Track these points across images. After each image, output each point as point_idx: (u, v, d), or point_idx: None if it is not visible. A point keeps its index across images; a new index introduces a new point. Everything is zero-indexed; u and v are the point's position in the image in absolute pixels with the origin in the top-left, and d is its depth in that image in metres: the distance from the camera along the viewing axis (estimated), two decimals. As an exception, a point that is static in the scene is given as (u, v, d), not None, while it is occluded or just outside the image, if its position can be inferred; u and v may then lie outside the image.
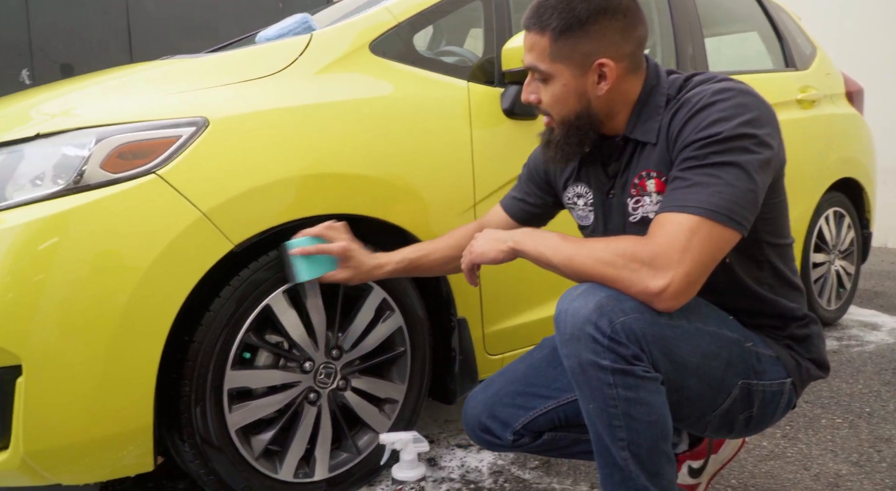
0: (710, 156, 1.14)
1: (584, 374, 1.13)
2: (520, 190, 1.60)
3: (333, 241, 1.51)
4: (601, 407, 1.13)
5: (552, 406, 1.39)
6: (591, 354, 1.11)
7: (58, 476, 1.38)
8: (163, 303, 1.41)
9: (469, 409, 1.45)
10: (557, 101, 1.28)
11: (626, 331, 1.11)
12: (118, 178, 1.38)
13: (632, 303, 1.13)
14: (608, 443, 1.15)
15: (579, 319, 1.12)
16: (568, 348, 1.14)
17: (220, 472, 1.54)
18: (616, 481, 1.17)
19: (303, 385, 1.64)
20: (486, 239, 1.35)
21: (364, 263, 1.53)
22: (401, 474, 1.43)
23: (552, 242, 1.23)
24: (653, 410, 1.13)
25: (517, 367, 1.47)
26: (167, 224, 1.40)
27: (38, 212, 1.33)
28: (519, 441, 1.42)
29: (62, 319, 1.32)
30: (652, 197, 1.26)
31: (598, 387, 1.12)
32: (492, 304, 1.97)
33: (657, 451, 1.15)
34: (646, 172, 1.27)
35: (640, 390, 1.12)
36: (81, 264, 1.34)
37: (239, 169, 1.49)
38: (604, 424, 1.14)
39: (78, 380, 1.34)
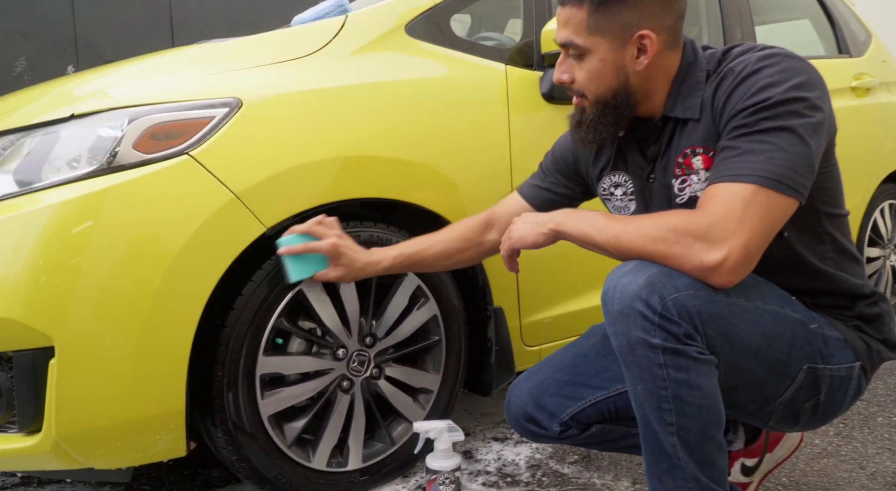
0: (761, 122, 1.08)
1: (632, 353, 1.07)
2: (542, 179, 1.52)
3: (323, 238, 1.43)
4: (650, 388, 1.07)
5: (602, 397, 1.34)
6: (641, 332, 1.06)
7: (90, 460, 1.37)
8: (195, 286, 1.39)
9: (513, 398, 1.40)
10: (594, 78, 1.21)
11: (679, 308, 1.05)
12: (151, 159, 1.36)
13: (685, 279, 1.07)
14: (656, 427, 1.09)
15: (628, 295, 1.06)
16: (616, 326, 1.08)
17: (252, 459, 1.52)
18: (663, 469, 1.11)
19: (336, 373, 1.61)
20: (525, 222, 1.28)
21: (356, 260, 1.46)
22: (435, 464, 1.39)
23: (596, 221, 1.17)
24: (705, 394, 1.07)
25: (564, 355, 1.41)
26: (199, 206, 1.38)
27: (71, 192, 1.32)
28: (566, 433, 1.36)
29: (95, 301, 1.31)
30: (699, 174, 1.20)
31: (647, 367, 1.06)
32: (529, 293, 1.92)
33: (708, 438, 1.09)
34: (690, 149, 1.20)
35: (692, 372, 1.06)
36: (114, 246, 1.32)
37: (272, 151, 1.47)
38: (652, 406, 1.08)
39: (110, 362, 1.33)
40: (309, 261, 1.43)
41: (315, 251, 1.42)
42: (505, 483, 1.74)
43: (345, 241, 1.45)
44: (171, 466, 1.87)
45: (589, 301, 2.00)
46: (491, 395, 1.90)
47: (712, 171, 1.12)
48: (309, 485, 1.59)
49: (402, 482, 1.75)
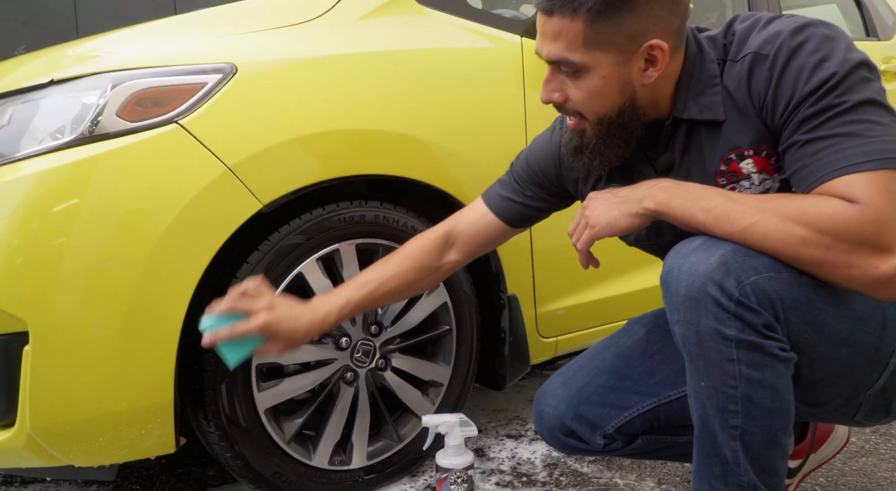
0: (838, 102, 0.93)
1: (700, 344, 0.93)
2: (516, 191, 1.27)
3: (251, 313, 1.13)
4: (716, 386, 0.94)
5: (651, 405, 1.19)
6: (713, 322, 0.91)
7: (69, 456, 1.25)
8: (185, 266, 1.27)
9: (548, 408, 1.23)
10: (594, 98, 1.02)
11: (758, 293, 0.91)
12: (136, 128, 1.25)
13: (764, 258, 0.93)
14: (716, 429, 0.96)
15: (698, 277, 0.92)
16: (681, 313, 0.94)
17: (247, 455, 1.40)
18: (715, 474, 0.98)
19: (338, 363, 1.50)
20: (608, 203, 1.04)
21: (295, 330, 1.16)
22: (446, 461, 1.27)
23: (712, 203, 0.96)
24: (778, 396, 0.94)
25: (603, 356, 1.26)
26: (189, 179, 1.27)
27: (48, 163, 1.21)
28: (610, 446, 1.22)
29: (73, 282, 1.20)
30: (752, 179, 1.04)
31: (716, 362, 0.93)
32: (545, 280, 1.79)
33: (774, 443, 0.96)
34: (736, 153, 1.04)
35: (768, 371, 0.92)
36: (96, 222, 1.21)
37: (269, 121, 1.35)
38: (716, 407, 0.95)
39: (91, 349, 1.22)
40: (241, 342, 1.13)
41: (244, 334, 1.12)
42: (520, 483, 1.62)
43: (277, 313, 1.14)
44: (164, 464, 1.76)
45: (611, 290, 1.87)
46: (504, 389, 1.78)
47: (802, 170, 0.95)
48: (309, 484, 1.48)
49: (410, 482, 1.63)
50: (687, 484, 1.58)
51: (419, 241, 1.28)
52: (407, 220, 1.54)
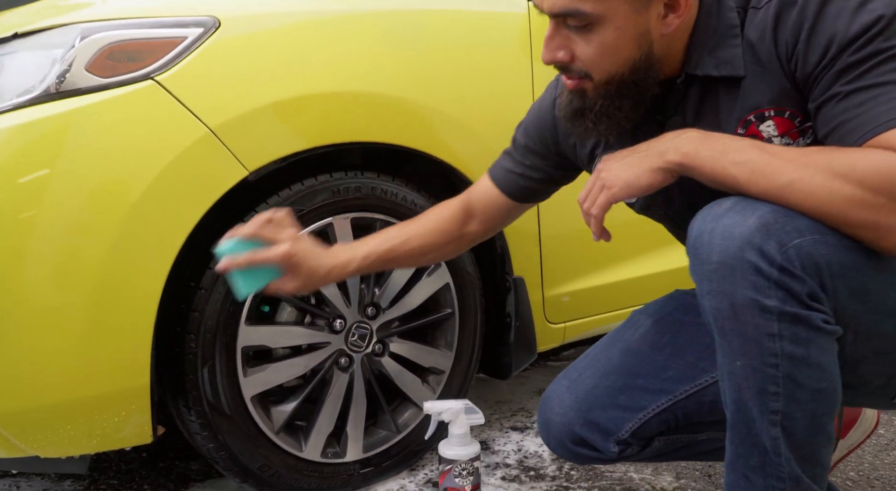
0: (885, 47, 0.82)
1: (735, 318, 0.82)
2: (516, 162, 1.19)
3: (274, 242, 1.07)
4: (754, 366, 0.82)
5: (668, 403, 1.07)
6: (752, 291, 0.80)
7: (34, 446, 1.14)
8: (162, 238, 1.16)
9: (554, 416, 1.11)
10: (607, 54, 0.90)
11: (803, 258, 0.80)
12: (108, 84, 1.13)
13: (806, 220, 0.82)
14: (754, 415, 0.84)
15: (735, 240, 0.80)
16: (714, 283, 0.82)
17: (232, 447, 1.28)
18: (753, 465, 0.87)
19: (332, 347, 1.38)
20: (624, 161, 0.92)
21: (317, 269, 1.10)
22: (450, 452, 1.16)
23: (746, 156, 0.85)
24: (824, 375, 0.83)
25: (609, 353, 1.14)
26: (167, 141, 1.15)
27: (8, 122, 1.09)
28: (625, 452, 1.10)
29: (35, 251, 1.08)
30: (774, 143, 0.92)
31: (755, 337, 0.81)
32: (554, 262, 1.68)
33: (818, 429, 0.85)
34: (755, 115, 0.92)
35: (813, 346, 0.81)
36: (60, 187, 1.10)
37: (255, 81, 1.24)
38: (753, 389, 0.83)
39: (56, 327, 1.11)
40: (257, 272, 1.07)
41: (264, 263, 1.06)
42: (528, 477, 1.51)
43: (301, 246, 1.09)
44: (144, 457, 1.64)
45: (626, 272, 1.76)
46: (509, 378, 1.67)
47: (843, 126, 0.84)
48: (300, 478, 1.36)
49: (409, 476, 1.52)
50: (707, 478, 1.47)
51: (441, 208, 1.22)
52: (406, 193, 1.43)
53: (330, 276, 1.13)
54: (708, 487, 1.43)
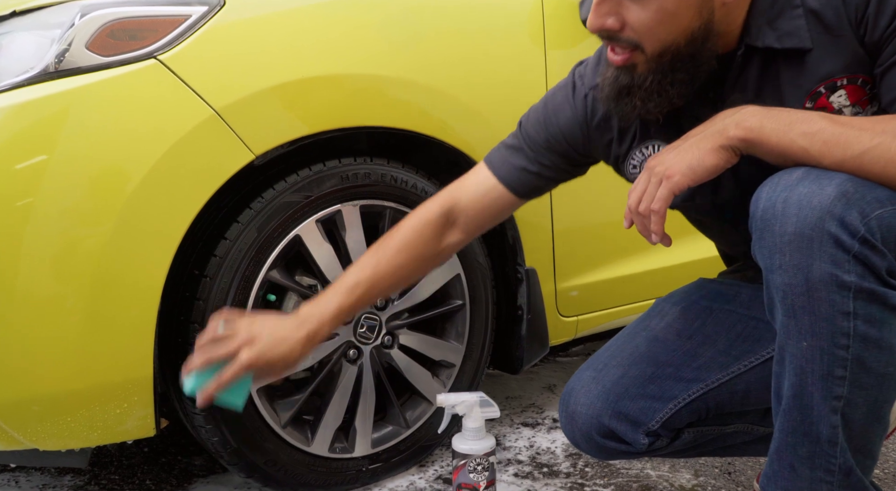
0: None
1: (809, 294, 0.76)
2: (528, 158, 1.07)
3: (228, 354, 0.96)
4: (822, 347, 0.77)
5: (699, 392, 1.02)
6: (830, 265, 0.74)
7: (32, 438, 1.09)
8: (164, 224, 1.12)
9: (581, 408, 1.05)
10: (663, 21, 0.83)
11: (884, 230, 0.75)
12: (109, 63, 1.09)
13: (884, 190, 0.77)
14: (813, 401, 0.79)
15: (813, 210, 0.75)
16: (788, 255, 0.76)
17: (237, 441, 1.24)
18: (801, 456, 0.82)
19: (340, 339, 1.34)
20: (678, 149, 0.85)
21: (287, 356, 0.99)
22: (464, 446, 1.11)
23: (816, 126, 0.80)
24: (892, 359, 0.78)
25: (635, 342, 1.08)
26: (170, 122, 1.11)
27: (5, 101, 1.05)
28: (654, 445, 1.04)
29: (33, 236, 1.04)
30: (844, 115, 0.87)
31: (828, 316, 0.76)
32: (567, 253, 1.63)
33: (877, 418, 0.80)
34: (827, 85, 0.87)
35: (886, 328, 0.76)
36: (60, 170, 1.06)
37: (263, 61, 1.20)
38: (818, 372, 0.78)
39: (55, 315, 1.07)
40: (235, 386, 0.98)
41: (231, 381, 0.96)
42: (541, 474, 1.46)
43: (259, 346, 0.96)
44: (146, 453, 1.60)
45: (642, 264, 1.71)
46: (520, 372, 1.63)
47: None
48: (307, 474, 1.32)
49: (419, 472, 1.48)
50: (727, 476, 1.43)
51: (414, 227, 1.07)
52: (416, 180, 1.39)
53: (304, 352, 1.00)
54: (728, 485, 1.39)
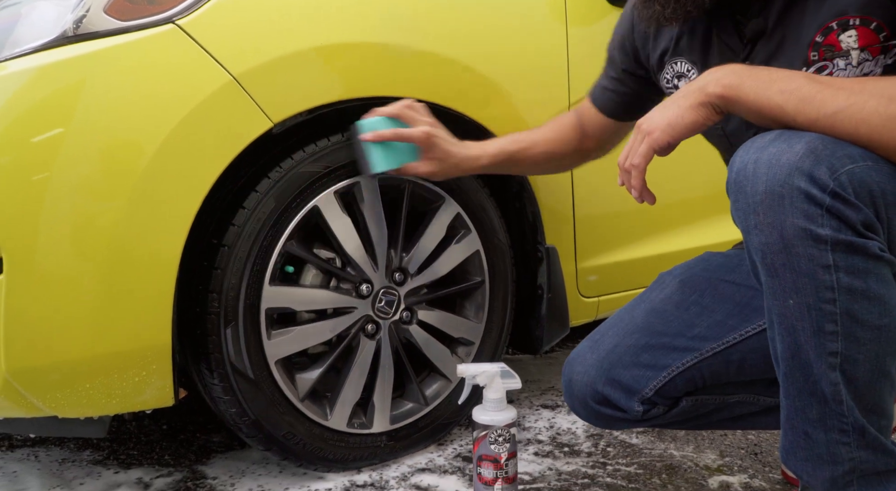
0: None
1: (787, 251, 0.75)
2: (609, 78, 1.19)
3: (414, 125, 1.18)
4: (808, 303, 0.76)
5: (693, 361, 1.01)
6: (802, 220, 0.74)
7: (51, 405, 1.09)
8: (183, 189, 1.11)
9: (576, 376, 1.06)
10: None
11: (856, 184, 0.74)
12: (127, 27, 1.09)
13: (856, 148, 0.76)
14: (810, 359, 0.78)
15: (782, 167, 0.75)
16: (761, 215, 0.76)
17: (255, 412, 1.23)
18: (811, 418, 0.80)
19: (358, 313, 1.32)
20: (662, 106, 0.89)
21: (451, 154, 1.20)
22: (485, 417, 1.09)
23: (794, 85, 0.80)
24: (885, 310, 0.76)
25: (633, 314, 1.08)
26: (188, 88, 1.10)
27: (25, 64, 1.05)
28: (650, 412, 1.04)
29: (53, 200, 1.04)
30: (850, 57, 0.86)
31: (807, 271, 0.75)
32: (588, 232, 1.61)
33: (882, 373, 0.78)
34: (838, 21, 0.85)
35: (871, 278, 0.75)
36: (79, 135, 1.05)
37: (283, 27, 1.18)
38: (809, 329, 0.77)
39: (75, 281, 1.06)
40: (396, 150, 1.18)
41: (406, 139, 1.17)
42: (562, 453, 1.44)
43: (438, 131, 1.19)
44: (164, 430, 1.60)
45: (665, 245, 1.69)
46: (540, 352, 1.60)
47: None
48: (325, 447, 1.31)
49: (438, 450, 1.46)
50: (753, 456, 1.40)
51: (559, 121, 1.26)
52: (436, 153, 1.37)
53: (461, 166, 1.21)
54: (754, 465, 1.36)
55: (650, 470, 1.35)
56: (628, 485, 1.29)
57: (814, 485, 0.83)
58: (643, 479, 1.31)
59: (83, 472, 1.41)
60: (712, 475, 1.32)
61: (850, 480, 0.80)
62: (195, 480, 1.37)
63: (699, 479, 1.31)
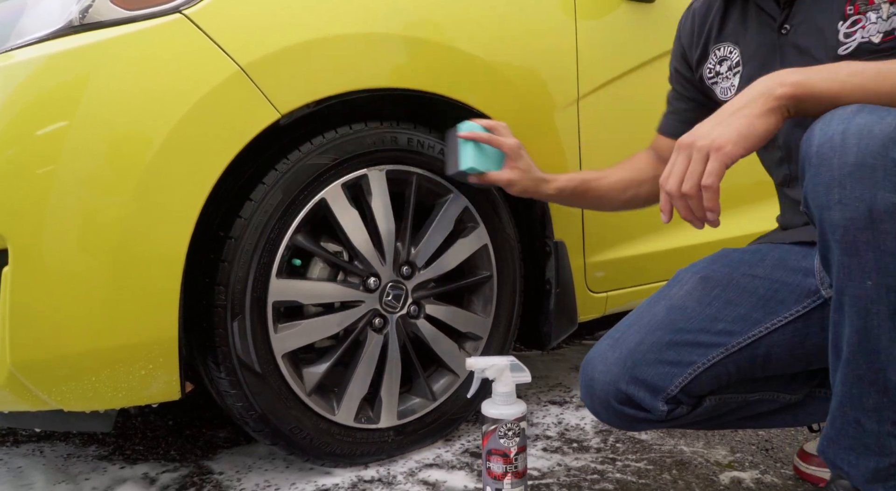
0: None
1: (874, 227, 0.72)
2: (671, 101, 1.27)
3: (505, 131, 1.29)
4: (890, 283, 0.73)
5: (719, 357, 0.99)
6: (894, 194, 0.71)
7: (57, 398, 1.08)
8: (189, 180, 1.10)
9: (597, 375, 1.02)
10: None
11: None
12: (134, 17, 1.07)
13: None
14: (881, 345, 0.75)
15: (875, 138, 0.72)
16: (849, 188, 0.72)
17: (262, 406, 1.22)
18: (867, 407, 0.78)
19: (366, 306, 1.31)
20: (719, 119, 0.83)
21: (534, 169, 1.28)
22: (494, 411, 1.08)
23: (859, 67, 0.80)
24: None
25: (653, 311, 1.05)
26: (195, 78, 1.09)
27: (31, 54, 1.04)
28: (674, 412, 1.01)
29: (60, 192, 1.03)
30: (881, 11, 0.85)
31: (893, 249, 0.72)
32: (597, 227, 1.59)
33: None
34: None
35: None
36: (85, 124, 1.04)
37: (291, 17, 1.17)
38: (885, 312, 0.74)
39: (81, 273, 1.05)
40: (485, 153, 1.27)
41: (498, 145, 1.27)
42: (571, 449, 1.43)
43: (524, 149, 1.29)
44: (170, 425, 1.59)
45: (675, 239, 1.67)
46: (547, 348, 1.59)
47: None
48: (332, 442, 1.29)
49: (446, 446, 1.45)
50: (764, 453, 1.38)
51: (637, 155, 1.31)
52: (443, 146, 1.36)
53: (539, 184, 1.27)
54: (766, 461, 1.34)
55: (660, 466, 1.33)
56: (638, 480, 1.28)
57: (853, 475, 0.82)
58: (653, 474, 1.30)
59: (88, 467, 1.40)
60: (723, 471, 1.30)
61: (892, 473, 0.79)
62: (201, 475, 1.36)
63: (710, 474, 1.29)
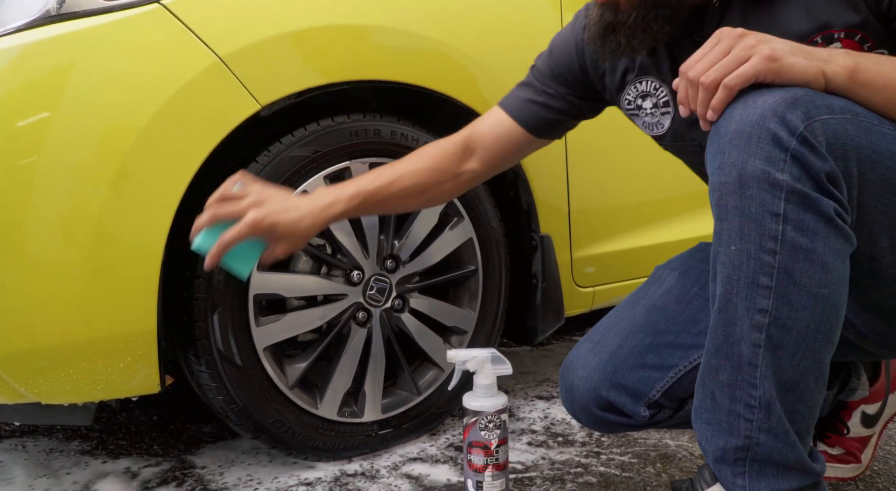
0: None
1: (741, 192, 0.72)
2: (535, 90, 1.10)
3: (235, 213, 0.97)
4: (750, 251, 0.72)
5: (699, 359, 0.95)
6: (764, 162, 0.70)
7: (34, 391, 1.07)
8: (168, 172, 1.09)
9: (577, 381, 1.01)
10: None
11: (829, 134, 0.71)
12: (111, 6, 1.07)
13: (841, 100, 0.74)
14: (737, 314, 0.74)
15: (758, 108, 0.72)
16: (725, 155, 0.73)
17: (243, 400, 1.21)
18: (721, 381, 0.76)
19: (349, 300, 1.30)
20: (793, 48, 0.76)
21: (295, 222, 0.99)
22: (475, 403, 1.07)
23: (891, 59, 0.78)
24: (827, 280, 0.72)
25: (633, 312, 1.04)
26: (174, 68, 1.09)
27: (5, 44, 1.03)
28: (656, 416, 1.00)
29: (33, 180, 1.02)
30: None
31: (756, 216, 0.71)
32: (584, 220, 1.59)
33: (809, 350, 0.73)
34: (823, 36, 0.83)
35: (819, 240, 0.71)
36: (63, 113, 1.03)
37: (270, 7, 1.17)
38: (744, 278, 0.73)
39: (57, 263, 1.04)
40: (243, 253, 0.99)
41: (237, 241, 0.96)
42: (556, 443, 1.42)
43: (267, 207, 0.97)
44: (154, 420, 1.58)
45: (661, 234, 1.66)
46: (534, 343, 1.59)
47: None
48: (315, 436, 1.29)
49: (430, 440, 1.44)
50: (749, 445, 1.38)
51: (437, 144, 1.12)
52: (427, 139, 1.35)
53: (314, 223, 1.01)
54: (749, 454, 1.34)
55: (644, 459, 1.33)
56: (622, 474, 1.28)
57: (706, 451, 0.79)
58: (637, 468, 1.30)
59: (70, 461, 1.39)
60: (708, 465, 1.30)
61: (741, 457, 0.76)
62: (183, 469, 1.35)
63: (694, 468, 1.29)
